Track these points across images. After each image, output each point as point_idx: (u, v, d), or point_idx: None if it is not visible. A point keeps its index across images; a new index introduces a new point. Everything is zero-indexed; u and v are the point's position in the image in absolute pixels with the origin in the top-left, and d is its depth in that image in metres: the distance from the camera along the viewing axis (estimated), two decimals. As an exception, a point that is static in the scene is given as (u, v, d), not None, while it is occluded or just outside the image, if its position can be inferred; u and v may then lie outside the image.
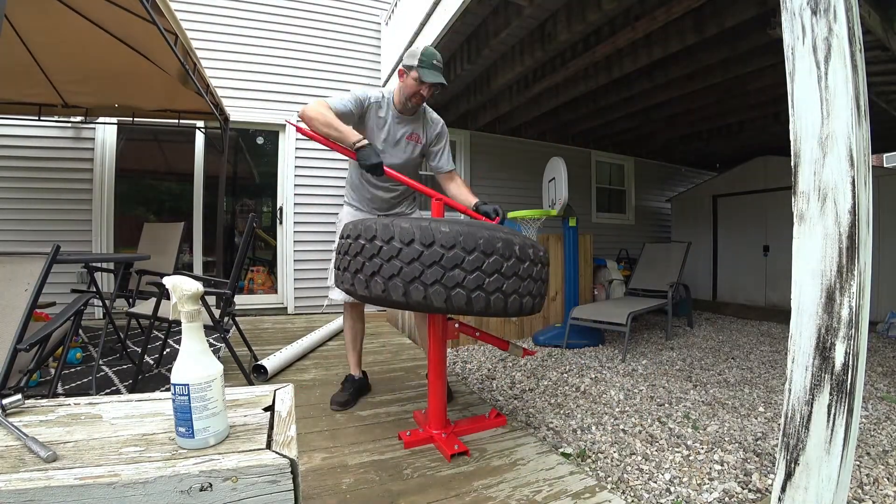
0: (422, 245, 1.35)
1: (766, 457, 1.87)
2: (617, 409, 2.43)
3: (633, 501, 1.57)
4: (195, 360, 0.71)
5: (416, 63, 1.86)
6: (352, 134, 1.77)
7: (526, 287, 1.47)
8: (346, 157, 1.90)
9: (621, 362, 3.39)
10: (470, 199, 2.01)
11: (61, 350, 1.77)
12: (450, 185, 2.14)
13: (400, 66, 1.94)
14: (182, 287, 0.74)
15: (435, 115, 2.14)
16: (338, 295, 2.06)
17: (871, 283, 1.11)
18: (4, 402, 0.78)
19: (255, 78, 4.69)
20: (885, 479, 1.69)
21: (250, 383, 2.28)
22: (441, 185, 2.19)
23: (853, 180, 1.04)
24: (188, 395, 0.68)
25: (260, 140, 5.09)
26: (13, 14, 2.63)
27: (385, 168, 1.77)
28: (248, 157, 5.22)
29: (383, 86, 4.86)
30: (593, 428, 2.18)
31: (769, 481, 1.65)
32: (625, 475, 1.74)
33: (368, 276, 1.42)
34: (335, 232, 2.12)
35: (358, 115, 1.94)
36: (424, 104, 2.04)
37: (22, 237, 3.90)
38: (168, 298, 0.94)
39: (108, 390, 2.25)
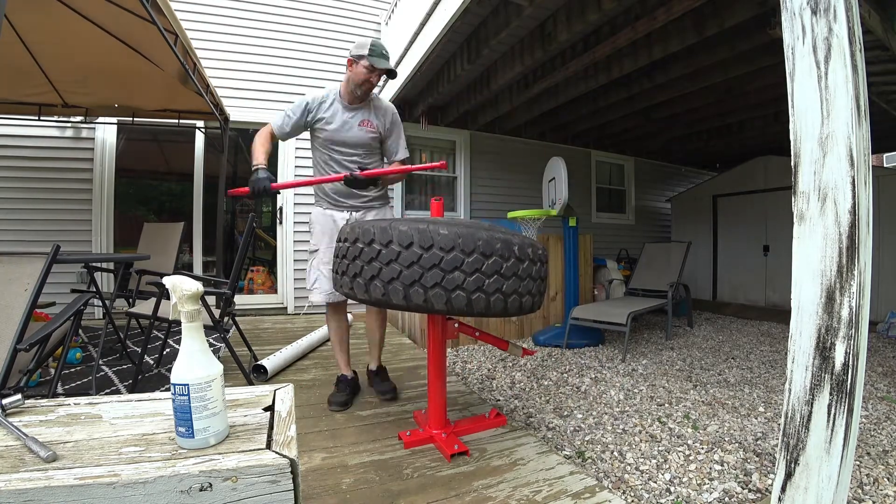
0: (421, 248, 1.34)
1: (766, 457, 1.87)
2: (617, 409, 2.43)
3: (633, 501, 1.57)
4: (195, 360, 0.71)
5: (366, 52, 1.96)
6: (255, 157, 1.99)
7: (526, 286, 1.46)
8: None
9: (621, 362, 3.39)
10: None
11: (61, 350, 1.77)
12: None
13: (349, 57, 2.01)
14: (182, 287, 0.73)
15: (385, 102, 2.20)
16: (318, 297, 2.14)
17: (871, 283, 1.11)
18: (4, 402, 0.78)
19: (255, 78, 4.69)
20: (885, 479, 1.69)
21: (250, 383, 2.28)
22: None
23: (853, 180, 1.04)
24: (188, 395, 0.68)
25: (260, 140, 5.09)
26: (13, 14, 2.62)
27: (272, 185, 1.89)
28: (248, 156, 5.20)
29: (382, 86, 4.85)
30: (593, 428, 2.18)
31: (769, 481, 1.65)
32: (625, 475, 1.74)
33: (368, 279, 1.41)
34: (309, 232, 2.22)
35: (303, 120, 2.09)
36: (374, 92, 2.14)
37: (22, 237, 3.90)
38: (168, 298, 0.94)
39: (108, 390, 2.25)
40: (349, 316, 4.22)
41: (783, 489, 1.14)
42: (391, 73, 2.02)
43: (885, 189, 4.73)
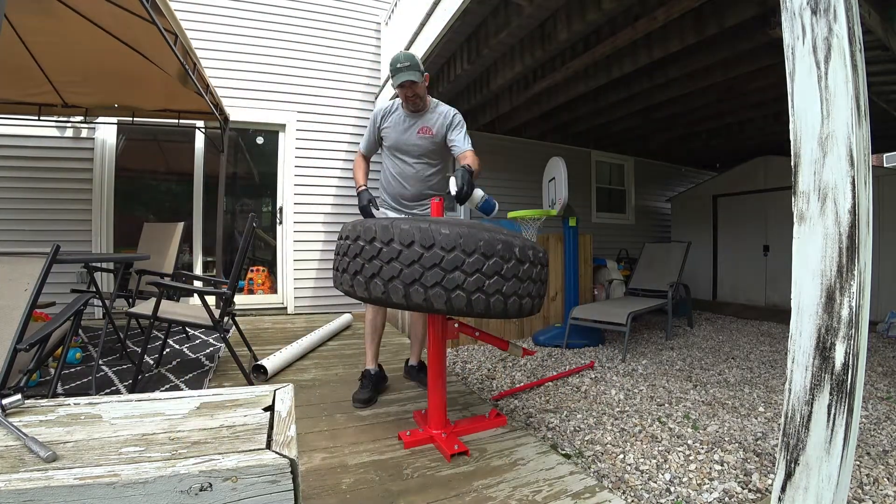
0: (422, 247, 1.34)
1: (766, 457, 1.87)
2: (617, 409, 2.43)
3: (633, 501, 1.57)
4: None
5: (389, 74, 2.07)
6: (357, 180, 2.25)
7: (525, 288, 1.46)
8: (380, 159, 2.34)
9: (621, 362, 3.39)
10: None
11: (61, 350, 1.77)
12: (461, 163, 2.18)
13: None
14: None
15: (446, 108, 2.26)
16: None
17: (871, 283, 1.11)
18: (4, 402, 0.78)
19: (255, 78, 4.68)
20: (885, 479, 1.69)
21: (250, 383, 2.28)
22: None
23: (853, 180, 1.04)
24: None
25: (260, 140, 5.09)
26: (13, 14, 2.62)
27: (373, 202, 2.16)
28: (248, 156, 5.21)
29: (382, 86, 4.86)
30: (593, 428, 2.18)
31: (769, 481, 1.65)
32: (625, 475, 1.74)
33: (368, 277, 1.41)
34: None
35: (379, 132, 2.26)
36: (435, 100, 2.25)
37: (22, 237, 3.90)
38: (168, 298, 0.93)
39: (107, 390, 2.25)
40: (348, 315, 4.24)
41: (783, 489, 1.14)
42: (412, 82, 2.07)
43: (885, 189, 4.73)
